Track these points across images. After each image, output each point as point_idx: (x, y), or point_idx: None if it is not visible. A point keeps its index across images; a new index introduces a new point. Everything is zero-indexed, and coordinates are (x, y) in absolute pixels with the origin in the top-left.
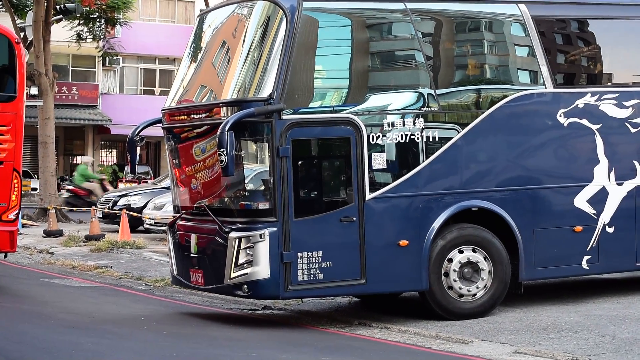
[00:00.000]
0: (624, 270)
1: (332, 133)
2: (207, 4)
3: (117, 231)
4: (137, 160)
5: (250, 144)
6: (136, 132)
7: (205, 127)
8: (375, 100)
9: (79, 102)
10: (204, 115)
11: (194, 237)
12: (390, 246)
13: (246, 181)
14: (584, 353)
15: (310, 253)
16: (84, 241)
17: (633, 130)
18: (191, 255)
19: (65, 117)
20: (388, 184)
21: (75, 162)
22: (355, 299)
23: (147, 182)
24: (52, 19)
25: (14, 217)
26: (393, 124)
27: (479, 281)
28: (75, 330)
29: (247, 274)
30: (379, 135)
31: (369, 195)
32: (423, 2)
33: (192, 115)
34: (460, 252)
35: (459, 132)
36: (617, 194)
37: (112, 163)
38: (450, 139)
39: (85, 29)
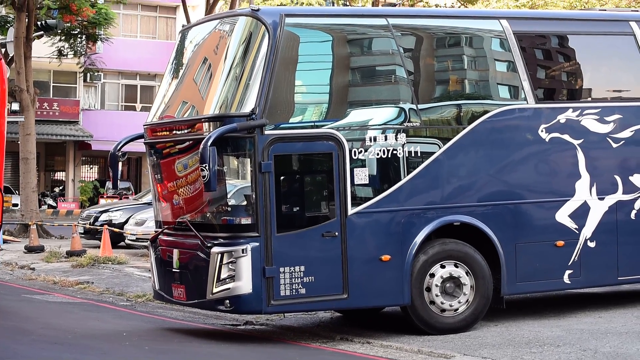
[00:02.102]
0: (605, 284)
1: (314, 148)
2: (188, 20)
3: (99, 247)
4: (119, 176)
5: (233, 160)
6: (118, 148)
7: (187, 143)
8: (357, 116)
9: (60, 118)
10: (186, 130)
11: (176, 252)
12: (373, 261)
13: (228, 196)
14: None
15: (292, 268)
16: (65, 257)
17: (614, 145)
18: (173, 270)
19: (47, 133)
20: (370, 198)
21: (56, 177)
22: (337, 314)
23: (128, 197)
24: (33, 35)
25: None
26: (375, 139)
27: (461, 296)
28: (57, 346)
29: (229, 289)
30: (361, 151)
31: (351, 210)
32: (405, 18)
33: (174, 131)
34: (442, 267)
35: (440, 147)
36: (598, 209)
37: (93, 179)
38: (432, 154)
39: (67, 45)
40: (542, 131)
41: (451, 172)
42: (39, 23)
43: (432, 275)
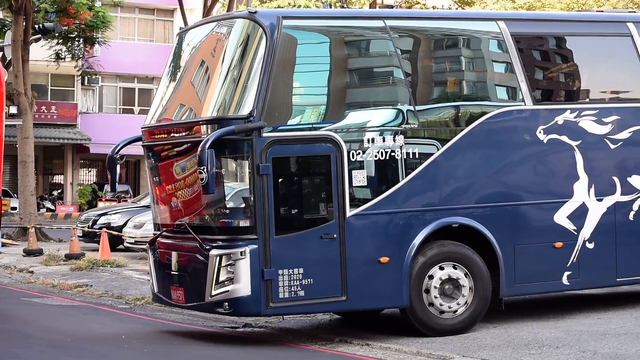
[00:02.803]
0: (604, 285)
1: (312, 150)
2: (186, 23)
3: (97, 250)
4: (117, 179)
5: (231, 162)
6: (116, 150)
7: (185, 145)
8: (355, 117)
9: (58, 121)
10: (184, 133)
11: (174, 254)
12: (371, 263)
13: (227, 199)
14: None
15: (291, 270)
16: (64, 260)
17: (612, 147)
18: (172, 272)
19: (45, 137)
20: (368, 200)
21: (54, 180)
22: (336, 316)
23: (126, 200)
24: (31, 38)
25: None
26: (373, 141)
27: (460, 297)
28: (56, 349)
29: (228, 291)
30: (359, 152)
31: (349, 212)
32: (402, 19)
33: (172, 134)
34: (441, 268)
35: (439, 149)
36: (597, 210)
37: (92, 182)
38: (430, 155)
39: (64, 48)
40: (540, 132)
41: (449, 173)
42: (36, 26)
43: (431, 277)
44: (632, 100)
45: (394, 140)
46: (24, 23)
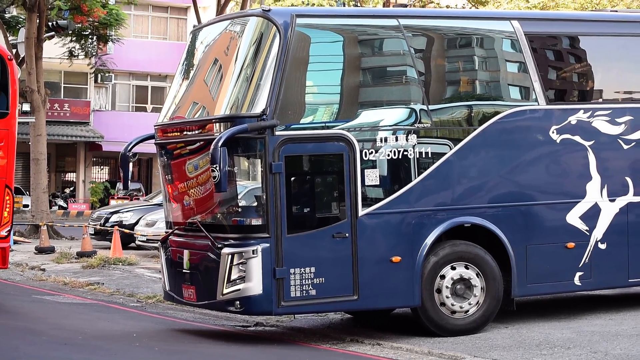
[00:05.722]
0: (616, 286)
1: (325, 149)
2: (199, 21)
3: (109, 248)
4: (129, 177)
5: (243, 160)
6: (129, 148)
7: (198, 144)
8: (367, 116)
9: (70, 119)
10: (197, 131)
11: (186, 253)
12: (383, 262)
13: (239, 197)
14: None
15: (302, 269)
16: (75, 258)
17: (625, 147)
18: (184, 271)
19: (57, 134)
20: (381, 200)
21: (66, 178)
22: (347, 316)
23: (139, 198)
24: (44, 35)
25: (6, 234)
26: (386, 140)
27: (472, 298)
28: (67, 347)
29: (239, 289)
30: (371, 152)
31: (361, 212)
32: (416, 18)
33: (185, 132)
34: (453, 268)
35: (451, 148)
36: (609, 211)
37: (104, 180)
38: (443, 155)
39: (77, 46)
40: (553, 132)
41: (462, 173)
42: (50, 24)
43: (443, 277)
44: None
45: (407, 140)
46: (38, 20)
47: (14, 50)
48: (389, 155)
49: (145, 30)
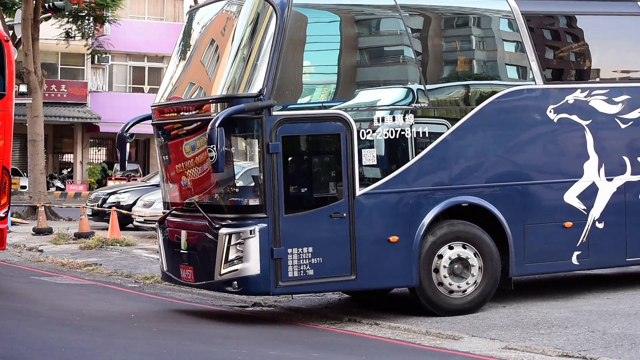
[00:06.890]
0: (614, 265)
1: (322, 129)
2: (196, 1)
3: (107, 229)
4: (126, 157)
5: (240, 141)
6: (126, 129)
7: (195, 124)
8: (365, 96)
9: (68, 100)
10: (194, 111)
11: (184, 233)
12: (381, 242)
13: (236, 177)
14: (574, 349)
15: (300, 249)
16: (73, 239)
17: (623, 126)
18: (181, 251)
19: (54, 115)
20: (378, 179)
21: (64, 159)
22: (345, 295)
23: (136, 179)
24: (41, 17)
25: (4, 215)
26: (383, 120)
27: (469, 277)
28: (65, 328)
29: (237, 270)
30: (369, 131)
31: (359, 191)
32: None
33: (182, 112)
34: (451, 248)
35: (448, 128)
36: (607, 190)
37: (101, 161)
38: (440, 134)
39: (74, 27)
40: (550, 112)
41: (459, 153)
42: (46, 5)
43: (440, 257)
44: None
45: (404, 119)
46: (34, 2)
47: (11, 32)
48: (386, 135)
49: (142, 11)
